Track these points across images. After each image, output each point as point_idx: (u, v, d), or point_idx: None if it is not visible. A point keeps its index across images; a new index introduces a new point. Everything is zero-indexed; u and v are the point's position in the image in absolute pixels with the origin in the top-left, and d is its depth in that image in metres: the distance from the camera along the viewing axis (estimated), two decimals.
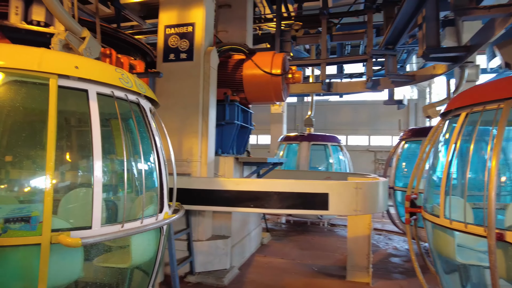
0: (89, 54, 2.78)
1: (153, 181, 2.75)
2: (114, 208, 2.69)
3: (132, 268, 2.74)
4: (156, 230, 2.65)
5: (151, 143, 2.68)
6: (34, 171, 2.20)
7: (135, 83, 2.58)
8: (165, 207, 2.68)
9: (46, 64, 2.07)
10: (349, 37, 9.47)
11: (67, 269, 2.22)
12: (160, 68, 5.16)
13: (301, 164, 9.54)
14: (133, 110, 2.55)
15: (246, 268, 5.51)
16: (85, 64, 2.28)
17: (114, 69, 2.50)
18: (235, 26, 6.82)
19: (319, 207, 3.84)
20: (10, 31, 4.76)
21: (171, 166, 2.88)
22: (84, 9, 5.95)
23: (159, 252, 2.71)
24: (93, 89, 2.24)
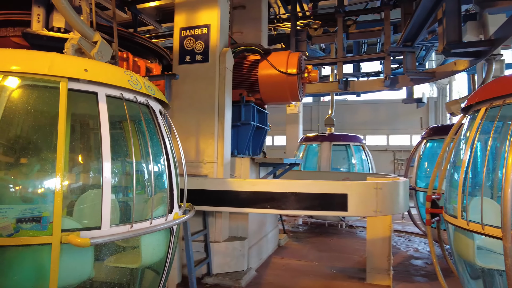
0: (101, 58, 2.83)
1: (163, 182, 2.77)
2: (124, 209, 2.71)
3: (142, 268, 2.75)
4: (166, 230, 2.66)
5: (160, 144, 2.70)
6: (45, 172, 2.24)
7: (144, 85, 2.60)
8: (175, 208, 2.69)
9: (56, 68, 2.12)
10: (365, 35, 9.31)
11: (77, 268, 2.26)
12: (176, 70, 5.21)
13: (322, 165, 9.32)
14: (143, 112, 2.59)
15: (263, 270, 5.47)
16: (94, 67, 2.32)
17: (123, 71, 2.53)
18: (250, 27, 6.81)
19: (338, 208, 3.76)
20: (33, 38, 4.92)
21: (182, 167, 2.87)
22: (102, 15, 6.09)
23: (169, 252, 2.72)
24: (102, 91, 2.28)
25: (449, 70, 7.40)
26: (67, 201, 2.34)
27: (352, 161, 9.61)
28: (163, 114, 2.97)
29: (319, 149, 9.63)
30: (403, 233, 8.58)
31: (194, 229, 4.81)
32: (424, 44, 9.79)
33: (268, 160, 5.98)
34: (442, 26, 5.87)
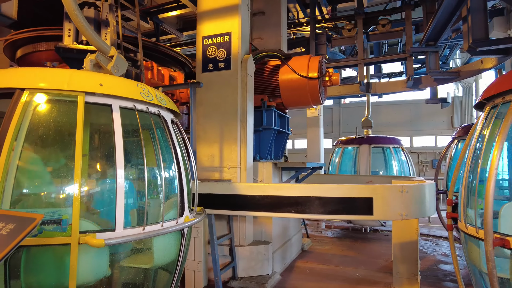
0: (117, 71, 3.04)
1: (174, 187, 2.94)
2: (139, 212, 2.87)
3: (155, 268, 2.92)
4: (177, 232, 2.82)
5: (171, 151, 2.87)
6: (64, 179, 2.45)
7: (155, 96, 2.80)
8: (185, 212, 2.86)
9: (75, 83, 2.34)
10: (386, 36, 9.18)
11: (94, 267, 2.44)
12: (199, 78, 5.34)
13: (361, 169, 9.01)
14: (154, 121, 2.78)
15: (287, 274, 5.48)
16: (109, 81, 2.52)
17: (136, 84, 2.72)
18: (270, 33, 6.88)
19: (363, 212, 3.73)
20: (64, 52, 5.19)
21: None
22: (126, 26, 6.33)
23: (181, 254, 2.87)
24: (116, 103, 2.48)
25: (475, 68, 7.20)
26: (85, 205, 2.54)
27: (392, 163, 9.27)
28: (174, 122, 3.15)
29: (358, 152, 9.29)
30: (430, 237, 8.36)
31: (219, 233, 4.89)
32: (448, 42, 9.54)
33: (290, 164, 6.01)
34: (467, 23, 5.72)
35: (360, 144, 9.38)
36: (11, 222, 1.43)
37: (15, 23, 6.83)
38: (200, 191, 4.38)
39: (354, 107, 22.36)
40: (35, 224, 1.42)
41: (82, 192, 2.36)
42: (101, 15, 5.54)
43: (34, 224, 1.40)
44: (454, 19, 6.22)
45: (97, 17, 5.53)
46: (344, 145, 9.88)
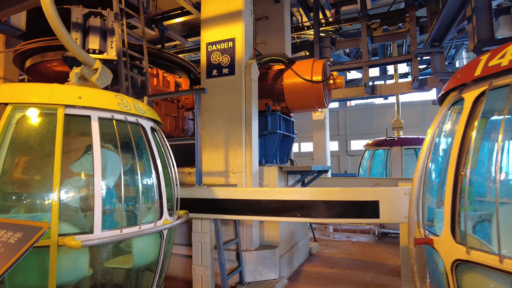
0: (102, 83, 3.23)
1: (152, 192, 3.11)
2: (117, 216, 3.02)
3: (135, 269, 3.09)
4: (156, 234, 2.99)
5: (150, 158, 3.05)
6: (44, 186, 2.65)
7: (134, 106, 2.99)
8: (164, 215, 3.02)
9: (55, 97, 2.55)
10: (391, 38, 9.17)
11: (74, 267, 2.61)
12: (204, 84, 5.38)
13: (393, 171, 8.75)
14: (133, 130, 2.97)
15: (295, 279, 5.46)
16: (88, 94, 2.72)
17: (114, 95, 2.91)
18: (274, 37, 6.92)
19: (369, 216, 3.71)
20: (71, 61, 5.29)
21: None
22: (132, 34, 6.43)
23: (160, 255, 3.03)
24: (95, 114, 2.68)
25: None
26: (65, 210, 2.72)
27: None
28: (156, 130, 3.31)
29: (390, 155, 9.00)
30: None
31: (226, 238, 4.90)
32: (453, 43, 9.48)
33: (296, 168, 6.00)
34: (472, 23, 5.69)
35: (391, 146, 9.08)
36: (19, 231, 1.47)
37: (24, 34, 6.99)
38: (205, 196, 4.41)
39: (360, 109, 22.28)
40: (42, 232, 1.45)
41: (62, 198, 2.60)
42: (106, 24, 5.65)
43: (41, 232, 1.44)
44: (458, 19, 6.18)
45: (103, 26, 5.63)
46: (375, 147, 9.58)
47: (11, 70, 7.42)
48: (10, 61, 7.11)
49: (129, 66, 5.43)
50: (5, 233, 1.52)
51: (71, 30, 5.38)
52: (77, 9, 5.45)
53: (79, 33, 5.40)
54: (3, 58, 7.34)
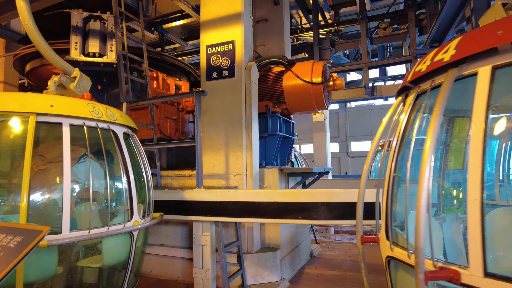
0: (81, 90, 3.38)
1: (123, 195, 3.27)
2: (87, 216, 3.20)
3: (107, 268, 3.23)
4: (126, 235, 3.13)
5: (121, 162, 3.19)
6: (15, 189, 2.81)
7: (105, 113, 3.13)
8: (134, 216, 3.17)
9: (28, 105, 2.69)
10: (390, 39, 9.17)
11: (43, 266, 2.72)
12: (204, 86, 5.38)
13: None
14: (104, 136, 3.11)
15: (296, 281, 5.43)
16: (60, 102, 2.86)
17: (87, 103, 3.05)
18: (273, 39, 6.93)
19: (370, 217, 3.70)
20: (71, 64, 5.28)
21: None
22: (131, 37, 6.43)
23: (131, 255, 3.17)
24: (66, 121, 2.81)
25: None
26: (35, 211, 2.85)
27: None
28: (131, 135, 3.45)
29: None
30: None
31: (227, 240, 4.89)
32: None
33: (296, 170, 5.99)
34: (471, 24, 5.70)
35: None
36: (18, 235, 1.47)
37: (24, 38, 7.01)
38: (206, 199, 4.39)
39: (360, 111, 22.28)
40: (42, 236, 1.45)
41: (32, 200, 2.75)
42: (106, 28, 5.66)
43: (40, 236, 1.43)
44: (458, 19, 6.19)
45: (103, 29, 5.64)
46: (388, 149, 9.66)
47: (11, 74, 7.44)
48: (10, 65, 7.12)
49: (129, 69, 5.43)
50: (4, 237, 1.52)
51: (71, 33, 5.40)
52: (77, 13, 5.47)
53: (79, 37, 5.42)
54: (3, 62, 7.36)
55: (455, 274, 1.44)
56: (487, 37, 1.49)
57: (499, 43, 1.40)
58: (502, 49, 1.43)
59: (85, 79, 3.43)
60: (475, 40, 1.56)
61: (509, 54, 1.43)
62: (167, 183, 5.65)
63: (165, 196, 4.55)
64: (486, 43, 1.47)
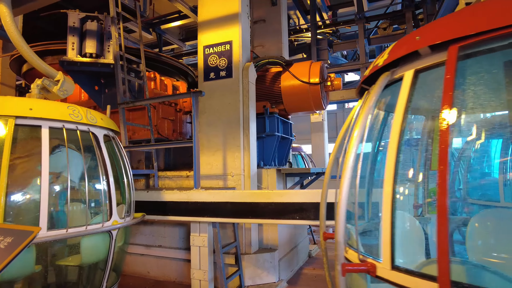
0: (64, 93, 3.45)
1: (102, 195, 3.34)
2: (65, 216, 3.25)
3: (86, 266, 3.32)
4: (105, 234, 3.21)
5: (100, 164, 3.28)
6: None
7: (85, 116, 3.23)
8: (113, 216, 3.25)
9: (6, 109, 2.77)
10: (388, 40, 9.18)
11: (20, 264, 2.75)
12: (201, 87, 5.37)
13: None
14: (84, 138, 3.20)
15: (295, 281, 5.42)
16: (39, 105, 2.94)
17: (66, 106, 3.13)
18: (271, 40, 6.93)
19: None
20: (68, 65, 5.27)
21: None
22: (129, 38, 6.41)
23: (110, 254, 3.24)
24: (45, 124, 2.89)
25: None
26: (13, 211, 2.92)
27: None
28: (112, 137, 3.55)
29: None
30: None
31: (225, 241, 4.87)
32: None
33: (294, 170, 5.98)
34: None
35: None
36: (9, 236, 1.46)
37: None
38: (204, 199, 4.38)
39: None
40: (32, 237, 1.43)
41: (11, 200, 2.84)
42: (103, 28, 5.64)
43: (31, 237, 1.42)
44: None
45: (100, 30, 5.62)
46: None
47: (8, 75, 7.40)
48: (6, 65, 7.09)
49: (126, 70, 5.42)
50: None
51: (68, 34, 5.38)
52: (73, 13, 5.45)
53: (76, 37, 5.40)
54: (0, 63, 7.32)
55: (371, 266, 1.51)
56: (409, 42, 1.59)
57: (417, 47, 1.51)
58: (424, 53, 1.53)
59: (69, 82, 3.50)
60: (401, 46, 1.65)
61: (429, 58, 1.51)
62: (164, 184, 5.63)
63: (162, 197, 4.53)
64: (407, 48, 1.59)
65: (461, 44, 1.35)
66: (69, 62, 5.30)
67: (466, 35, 1.32)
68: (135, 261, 5.47)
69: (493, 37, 1.26)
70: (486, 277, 1.64)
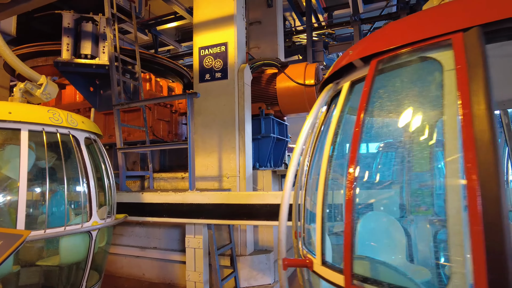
0: (47, 97, 3.51)
1: (81, 197, 3.40)
2: (46, 217, 3.28)
3: (65, 266, 3.37)
4: (84, 235, 3.26)
5: (81, 166, 3.35)
6: None
7: (66, 119, 3.28)
8: (93, 217, 3.31)
9: None
10: None
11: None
12: (197, 88, 5.37)
13: None
14: (64, 141, 3.27)
15: (290, 283, 5.42)
16: (18, 109, 3.00)
17: (47, 110, 3.17)
18: (267, 41, 6.94)
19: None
20: (63, 66, 5.25)
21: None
22: (124, 39, 6.39)
23: (89, 254, 3.29)
24: (25, 127, 2.94)
25: None
26: None
27: None
28: (94, 140, 3.63)
29: None
30: None
31: (220, 243, 4.86)
32: None
33: None
34: None
35: None
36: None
37: (14, 39, 6.92)
38: (199, 201, 4.37)
39: None
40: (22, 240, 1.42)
41: None
42: (98, 29, 5.62)
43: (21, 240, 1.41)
44: None
45: (95, 31, 5.61)
46: None
47: (2, 76, 7.35)
48: (0, 67, 7.04)
49: (121, 71, 5.40)
50: None
51: (63, 35, 5.36)
52: (68, 14, 5.42)
53: (70, 38, 5.38)
54: None
55: (309, 262, 1.62)
56: (345, 56, 1.68)
57: (348, 61, 1.60)
58: (358, 66, 1.60)
59: (52, 86, 3.55)
60: (342, 59, 1.74)
61: (362, 70, 1.57)
62: (159, 186, 5.62)
63: (157, 199, 4.52)
64: (342, 62, 1.69)
65: (379, 58, 1.41)
66: (64, 63, 5.28)
67: (384, 50, 1.39)
68: (130, 263, 5.45)
69: (406, 51, 1.33)
70: (385, 272, 1.79)
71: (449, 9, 1.27)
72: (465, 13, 1.21)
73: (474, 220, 0.96)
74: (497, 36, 1.15)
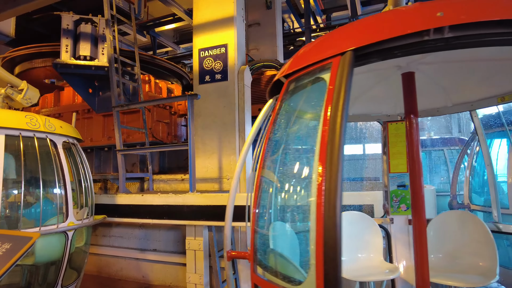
0: (28, 102, 3.61)
1: (59, 198, 3.55)
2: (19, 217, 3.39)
3: (40, 265, 3.47)
4: (60, 235, 3.37)
5: (57, 169, 3.45)
6: None
7: (44, 124, 3.41)
8: (69, 218, 3.44)
9: None
10: None
11: None
12: (196, 90, 5.36)
13: None
14: (41, 145, 3.36)
15: None
16: None
17: (24, 115, 3.31)
18: (266, 43, 6.95)
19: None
20: (62, 67, 5.23)
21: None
22: (123, 40, 6.37)
23: (65, 254, 3.40)
24: (2, 132, 3.08)
25: None
26: None
27: None
28: (72, 144, 3.75)
29: None
30: None
31: (220, 245, 4.85)
32: None
33: None
34: None
35: None
36: (7, 242, 1.44)
37: (13, 41, 6.90)
38: (199, 203, 4.36)
39: None
40: (31, 243, 1.41)
41: None
42: (98, 31, 5.61)
43: (30, 243, 1.40)
44: None
45: (94, 32, 5.59)
46: None
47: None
48: None
49: (120, 73, 5.39)
50: None
51: (62, 36, 5.34)
52: (67, 15, 5.41)
53: (69, 40, 5.36)
54: None
55: (249, 255, 1.79)
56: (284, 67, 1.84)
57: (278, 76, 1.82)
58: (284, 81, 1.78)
59: (33, 91, 3.63)
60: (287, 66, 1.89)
61: None
62: (159, 187, 5.60)
63: (157, 201, 4.50)
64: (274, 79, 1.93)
65: (290, 79, 1.63)
66: (62, 64, 5.26)
67: (291, 72, 1.61)
68: (129, 266, 5.42)
69: (305, 72, 1.51)
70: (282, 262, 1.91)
71: (336, 35, 1.45)
72: (344, 39, 1.36)
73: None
74: (370, 58, 1.28)
